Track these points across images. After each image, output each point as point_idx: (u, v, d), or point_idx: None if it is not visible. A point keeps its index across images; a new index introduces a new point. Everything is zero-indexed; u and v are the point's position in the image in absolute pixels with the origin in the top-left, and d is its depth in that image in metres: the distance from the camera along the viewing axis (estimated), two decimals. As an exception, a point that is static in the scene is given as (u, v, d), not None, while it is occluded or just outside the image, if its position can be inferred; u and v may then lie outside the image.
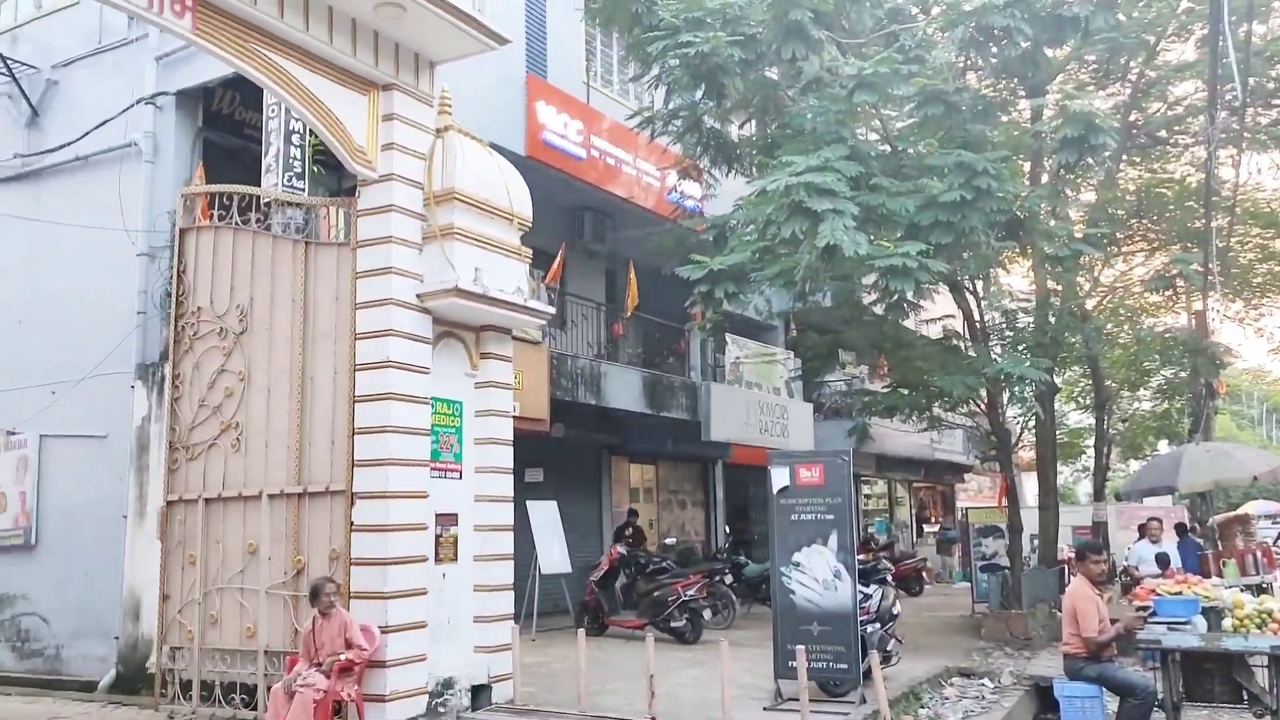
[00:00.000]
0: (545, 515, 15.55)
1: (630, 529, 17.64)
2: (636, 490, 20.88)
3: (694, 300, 14.14)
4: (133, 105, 12.65)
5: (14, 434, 13.39)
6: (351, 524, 8.92)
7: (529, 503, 15.09)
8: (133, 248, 12.32)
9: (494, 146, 10.56)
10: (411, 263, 9.15)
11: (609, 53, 17.97)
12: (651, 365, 19.52)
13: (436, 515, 9.40)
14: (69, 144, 13.19)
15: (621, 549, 16.23)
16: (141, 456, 11.94)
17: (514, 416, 10.67)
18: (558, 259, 15.54)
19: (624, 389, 17.41)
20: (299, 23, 8.29)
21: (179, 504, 10.05)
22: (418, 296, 9.13)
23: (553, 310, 10.38)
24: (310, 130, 10.74)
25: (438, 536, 9.42)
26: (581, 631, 9.93)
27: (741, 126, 16.29)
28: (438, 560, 9.40)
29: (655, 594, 15.07)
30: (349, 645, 8.36)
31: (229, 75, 11.34)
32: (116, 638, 11.77)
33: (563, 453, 17.56)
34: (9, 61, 13.71)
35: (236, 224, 10.06)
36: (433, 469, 9.35)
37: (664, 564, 16.60)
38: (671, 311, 18.67)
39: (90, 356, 12.52)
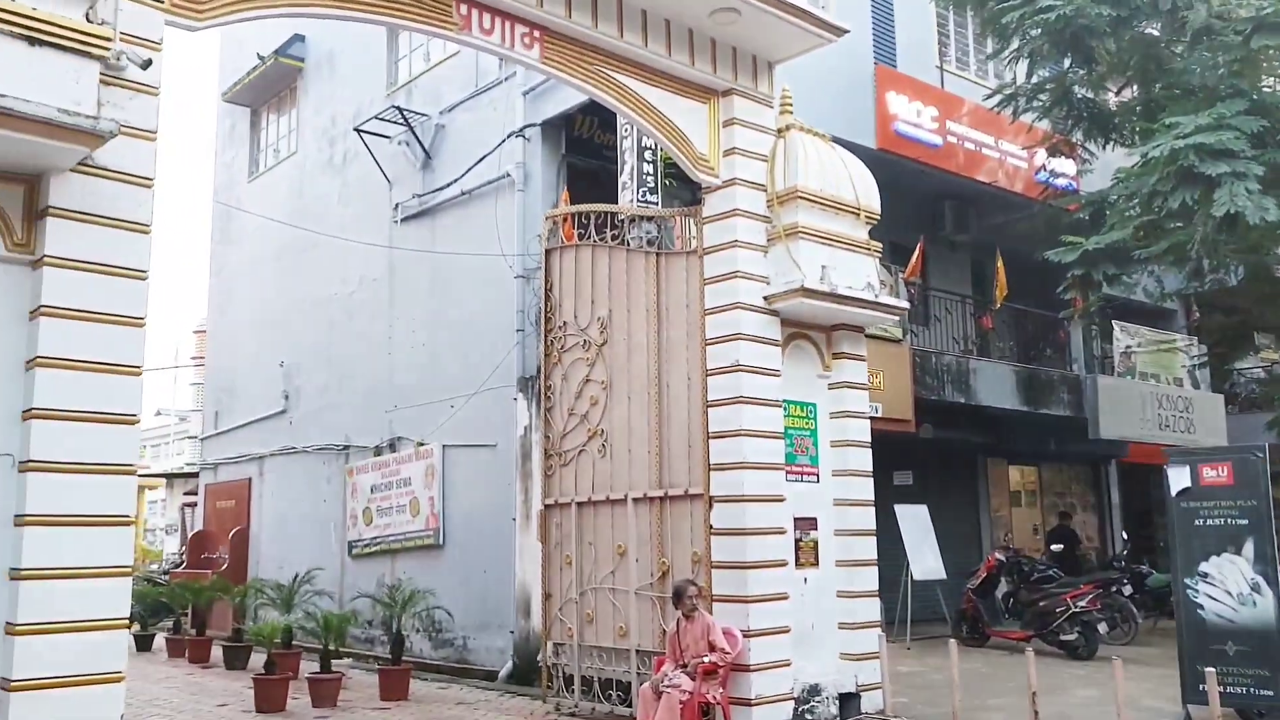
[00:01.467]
0: (916, 519, 14.99)
1: (1062, 535, 16.91)
2: (1017, 493, 19.64)
3: (1068, 285, 13.03)
4: (505, 139, 13.68)
5: (423, 444, 14.89)
6: (711, 527, 9.03)
7: (898, 507, 14.61)
8: (510, 271, 13.31)
9: (842, 142, 10.35)
10: (757, 266, 9.13)
11: (963, 32, 17.08)
12: (1027, 359, 18.27)
13: (795, 519, 9.30)
14: (455, 181, 14.51)
15: (1000, 555, 15.28)
16: (524, 463, 12.84)
17: (875, 417, 10.34)
18: (916, 252, 14.95)
19: (996, 385, 16.41)
20: (638, 40, 8.53)
21: (555, 507, 10.67)
22: (764, 299, 9.09)
23: (907, 305, 9.97)
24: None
25: (797, 541, 9.31)
26: (953, 642, 9.40)
27: (1118, 93, 14.86)
28: (798, 565, 9.29)
29: (1041, 604, 14.05)
30: (712, 648, 8.43)
31: (586, 101, 11.95)
32: (511, 632, 12.72)
33: (933, 454, 16.85)
34: (405, 113, 15.32)
35: (594, 241, 10.54)
36: (788, 472, 9.26)
37: (1050, 572, 15.43)
38: (1046, 300, 17.37)
39: (481, 372, 13.67)
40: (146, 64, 5.80)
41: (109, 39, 5.49)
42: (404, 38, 16.39)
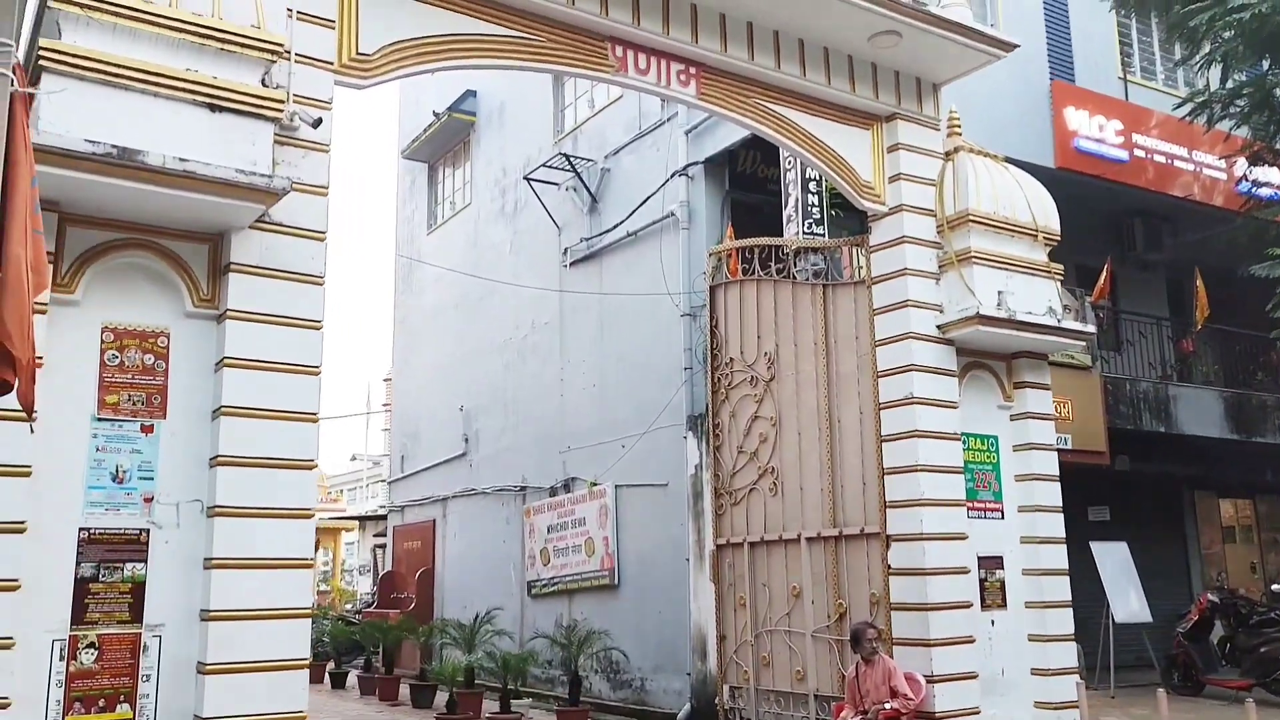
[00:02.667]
0: (1115, 558, 14.02)
1: None
2: (1230, 529, 18.17)
3: (1278, 302, 12.03)
4: (668, 179, 13.75)
5: (596, 485, 14.99)
6: (889, 567, 8.68)
7: (1094, 544, 13.71)
8: (676, 309, 13.30)
9: (1019, 162, 9.93)
10: (928, 293, 8.79)
11: (1146, 40, 16.17)
12: (1235, 384, 16.92)
13: (979, 558, 8.84)
14: (620, 223, 14.66)
15: (1213, 596, 14.12)
16: (696, 503, 12.73)
17: (1064, 449, 9.77)
18: (1104, 273, 14.12)
19: (1201, 413, 15.27)
20: (795, 70, 8.40)
21: (727, 547, 10.49)
22: (938, 328, 8.73)
23: (1094, 330, 9.40)
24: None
25: (982, 581, 8.84)
26: (1162, 691, 8.70)
27: (1326, 93, 13.69)
28: (984, 606, 8.81)
29: (1263, 649, 12.87)
30: (894, 694, 8.06)
31: (748, 137, 11.87)
32: (688, 674, 12.55)
33: (1131, 488, 15.79)
34: (571, 159, 15.63)
35: (759, 275, 10.39)
36: (970, 508, 8.82)
37: (1272, 614, 14.13)
38: (1254, 320, 16.05)
39: (651, 411, 13.68)
40: (317, 123, 6.06)
41: (282, 101, 5.77)
42: (569, 87, 16.77)
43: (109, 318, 5.63)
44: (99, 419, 5.52)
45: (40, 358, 5.23)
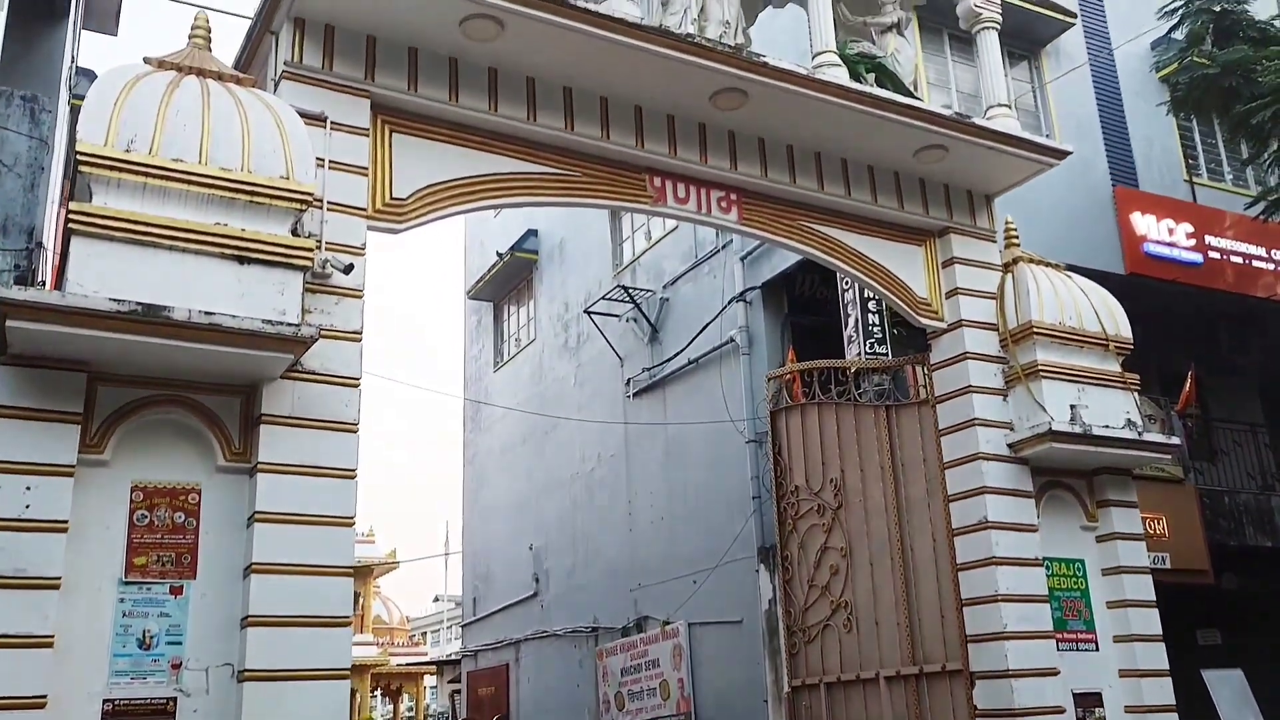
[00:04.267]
0: (1231, 687, 12.94)
1: None
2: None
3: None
4: (726, 305, 13.61)
5: (669, 623, 14.45)
6: (974, 708, 8.04)
7: (1205, 673, 12.68)
8: (741, 437, 12.98)
9: (1087, 270, 9.63)
10: (996, 411, 8.38)
11: (1211, 141, 15.77)
12: (1346, 490, 15.86)
13: (1074, 695, 8.16)
14: (681, 351, 14.51)
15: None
16: (771, 639, 12.13)
17: (1161, 569, 9.10)
18: (1188, 381, 13.46)
19: (1310, 524, 14.27)
20: (840, 190, 8.25)
21: (803, 689, 9.88)
22: (1009, 447, 8.28)
23: (1179, 442, 8.85)
24: (882, 294, 10.61)
25: (1079, 720, 8.12)
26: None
27: None
28: (1084, 749, 8.08)
29: None
30: None
31: (803, 259, 11.72)
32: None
33: (1243, 608, 14.71)
34: (630, 291, 15.63)
35: (820, 399, 10.07)
36: (1059, 640, 8.18)
37: None
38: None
39: (721, 544, 13.23)
40: (349, 269, 6.02)
41: (311, 250, 5.74)
42: (626, 220, 16.91)
43: (138, 476, 5.53)
44: (126, 582, 5.36)
45: (65, 522, 5.16)
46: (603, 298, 16.12)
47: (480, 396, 21.25)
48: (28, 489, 5.08)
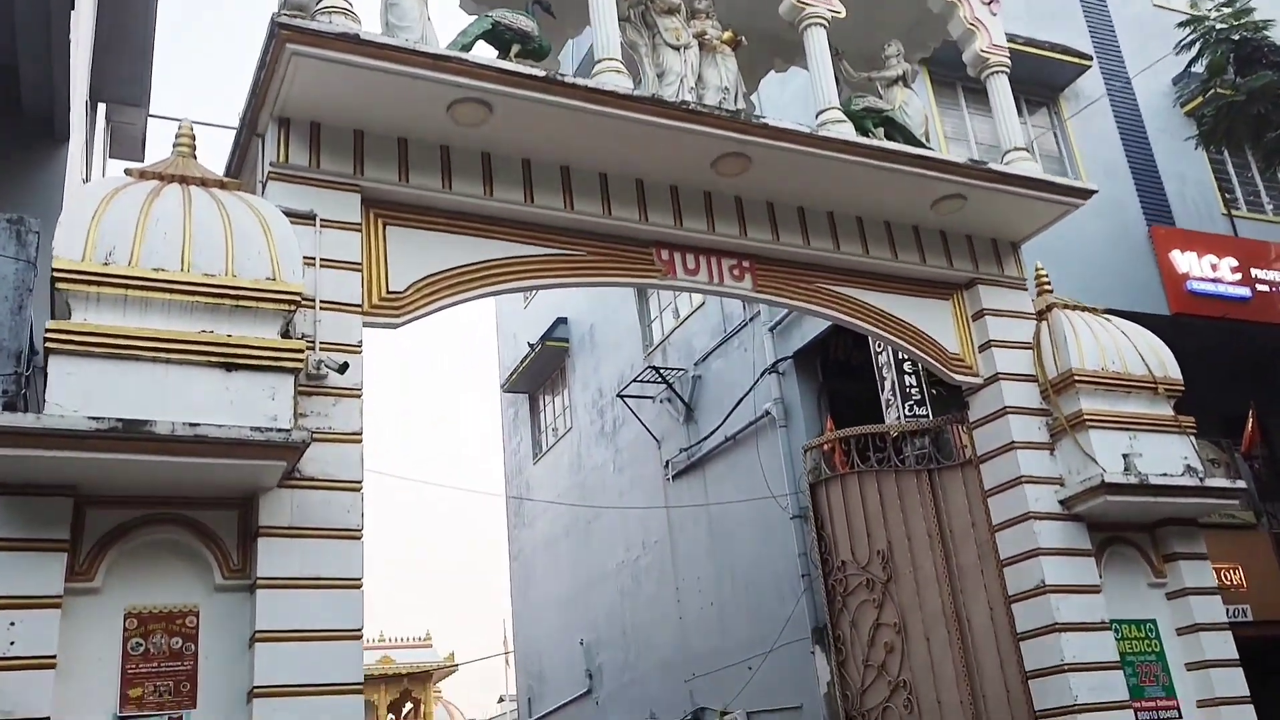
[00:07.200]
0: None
1: None
2: None
3: None
4: (759, 378, 13.27)
5: (726, 714, 13.84)
6: (1051, 790, 7.42)
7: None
8: (784, 513, 12.52)
9: (1129, 314, 9.19)
10: (1043, 466, 7.91)
11: (1247, 173, 15.32)
12: None
13: (1160, 768, 7.51)
14: (717, 428, 14.14)
15: None
16: (834, 725, 11.51)
17: (1243, 623, 8.49)
18: (1250, 420, 12.83)
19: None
20: (856, 249, 7.95)
21: (867, 778, 9.28)
22: (1061, 504, 7.78)
23: (1244, 485, 8.30)
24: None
25: (1168, 797, 7.47)
26: None
27: None
28: (1177, 829, 7.41)
29: None
30: None
31: (834, 325, 11.40)
32: None
33: (1336, 656, 13.82)
34: (661, 371, 15.35)
35: (859, 467, 9.64)
36: (1137, 710, 7.57)
37: None
38: None
39: (773, 626, 12.69)
40: (344, 368, 5.79)
41: (301, 351, 5.51)
42: (653, 301, 16.71)
43: (132, 601, 5.24)
44: (122, 717, 5.04)
45: (53, 658, 4.88)
46: (634, 380, 15.85)
47: (521, 490, 20.94)
48: (11, 624, 4.80)
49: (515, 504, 21.25)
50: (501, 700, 51.75)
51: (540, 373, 20.28)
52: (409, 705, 39.91)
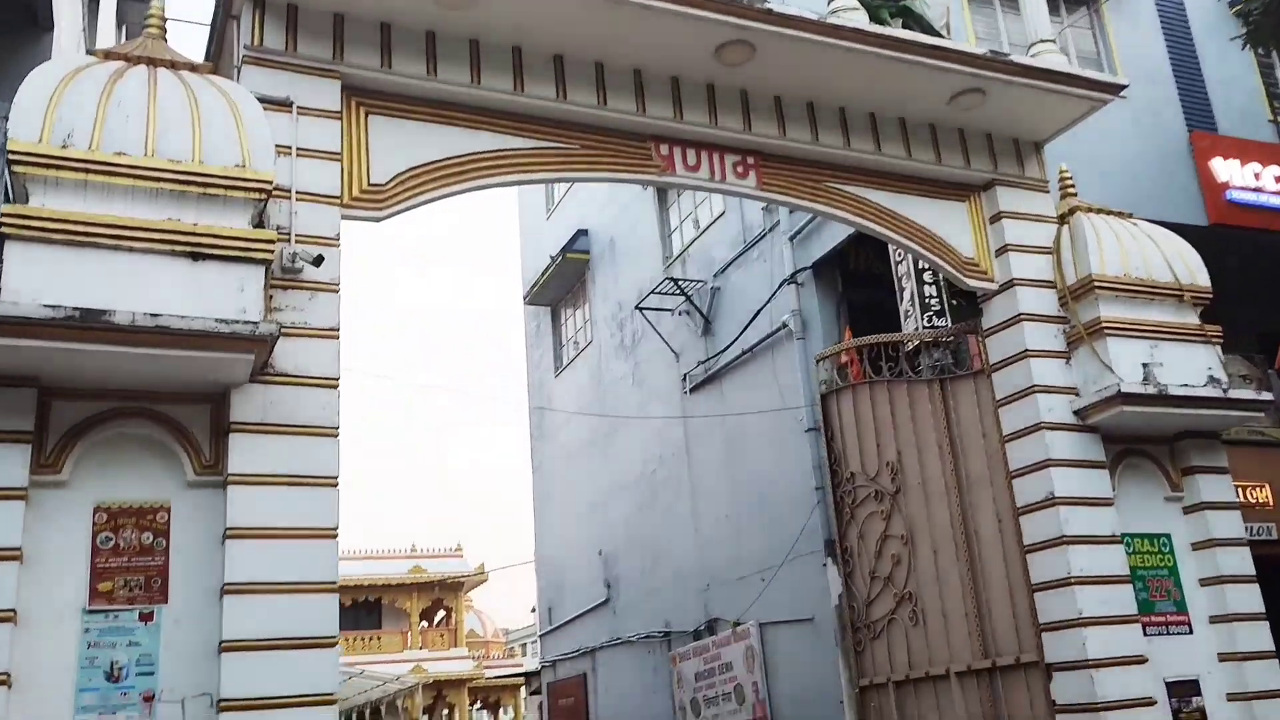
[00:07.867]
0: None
1: None
2: None
3: None
4: (778, 289, 12.95)
5: (739, 625, 13.82)
6: (1054, 703, 7.28)
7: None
8: (800, 425, 12.31)
9: (1166, 224, 8.75)
10: (1058, 375, 7.61)
11: (1297, 75, 14.60)
12: None
13: (1167, 684, 7.33)
14: (734, 340, 13.88)
15: None
16: (844, 637, 11.41)
17: (1267, 541, 8.23)
18: (1285, 335, 12.39)
19: None
20: (868, 145, 7.58)
21: (871, 689, 9.23)
22: (1075, 414, 7.50)
23: (1270, 397, 7.94)
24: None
25: (1175, 713, 7.30)
26: None
27: None
28: (1183, 745, 7.25)
29: None
30: None
31: (855, 233, 11.03)
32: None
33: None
34: (680, 282, 15.05)
35: (871, 378, 9.38)
36: (1146, 624, 7.37)
37: None
38: None
39: (787, 539, 12.57)
40: (318, 260, 5.58)
41: (271, 242, 5.31)
42: (674, 211, 16.34)
43: (102, 496, 5.14)
44: (90, 611, 4.98)
45: (17, 550, 4.80)
46: (653, 292, 15.56)
47: (543, 402, 20.86)
48: (-27, 516, 4.73)
49: (538, 416, 21.20)
50: (533, 610, 52.75)
51: (562, 286, 20.03)
52: (441, 613, 40.77)
